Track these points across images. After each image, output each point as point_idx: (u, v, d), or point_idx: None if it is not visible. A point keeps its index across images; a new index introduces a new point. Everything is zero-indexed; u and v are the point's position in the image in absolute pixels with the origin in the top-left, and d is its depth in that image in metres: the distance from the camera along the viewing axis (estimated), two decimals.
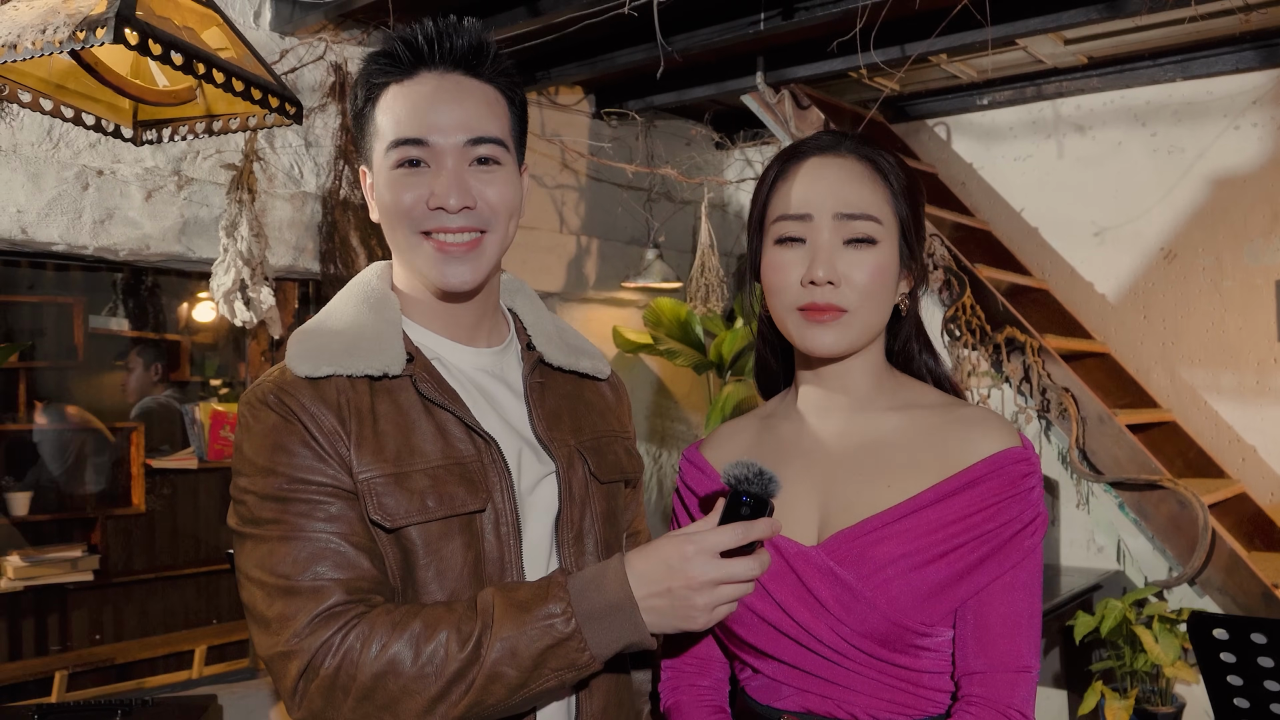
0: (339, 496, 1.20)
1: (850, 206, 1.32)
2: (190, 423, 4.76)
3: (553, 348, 1.44)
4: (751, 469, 1.16)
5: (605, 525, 1.39)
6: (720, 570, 1.13)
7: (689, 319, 4.91)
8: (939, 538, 1.28)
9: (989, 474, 1.29)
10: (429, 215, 1.28)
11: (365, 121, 1.33)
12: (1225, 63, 4.14)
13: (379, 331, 1.29)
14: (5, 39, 1.69)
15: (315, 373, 1.24)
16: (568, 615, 1.13)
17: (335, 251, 3.78)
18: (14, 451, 4.65)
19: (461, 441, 1.27)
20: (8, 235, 2.92)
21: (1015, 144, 4.78)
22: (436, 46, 1.28)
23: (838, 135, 1.39)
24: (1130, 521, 3.77)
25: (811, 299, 1.32)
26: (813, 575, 1.30)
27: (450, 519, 1.23)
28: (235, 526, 1.24)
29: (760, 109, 4.41)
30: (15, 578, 4.18)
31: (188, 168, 3.39)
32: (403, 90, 1.29)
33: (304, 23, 3.73)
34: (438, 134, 1.27)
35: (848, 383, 1.40)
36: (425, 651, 1.12)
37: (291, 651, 1.14)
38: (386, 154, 1.29)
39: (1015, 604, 1.29)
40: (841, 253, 1.32)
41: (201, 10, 1.91)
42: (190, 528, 5.15)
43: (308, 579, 1.16)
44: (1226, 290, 4.24)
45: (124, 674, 4.40)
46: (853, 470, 1.36)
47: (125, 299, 5.00)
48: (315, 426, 1.21)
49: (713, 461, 1.50)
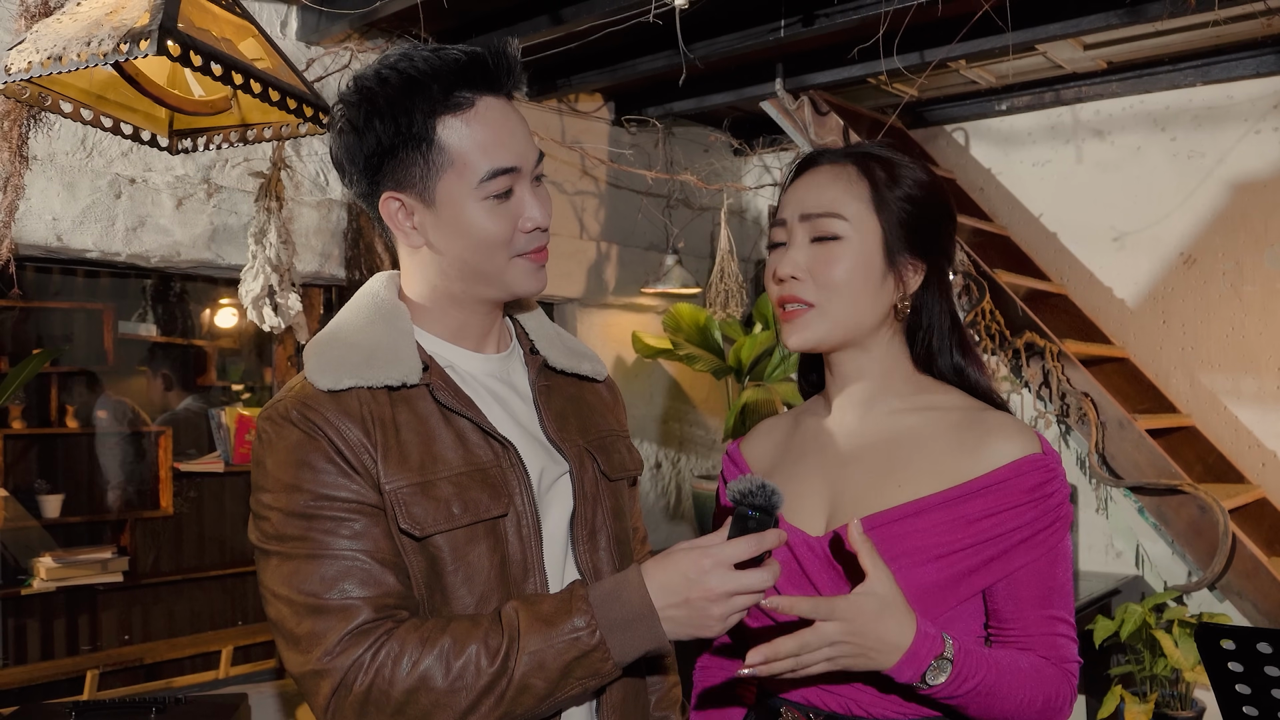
0: (363, 513, 1.23)
1: (813, 206, 1.39)
2: (216, 427, 4.83)
3: (555, 351, 1.48)
4: (754, 483, 1.21)
5: (615, 521, 1.44)
6: (736, 582, 1.18)
7: (708, 324, 4.95)
8: (944, 540, 1.32)
9: (1004, 481, 1.33)
10: (529, 237, 1.32)
11: (414, 150, 1.28)
12: (1245, 67, 4.15)
13: (394, 342, 1.31)
14: (50, 51, 1.74)
15: (337, 385, 1.26)
16: (592, 628, 1.18)
17: (360, 258, 3.83)
18: (46, 455, 4.73)
19: (480, 447, 1.31)
20: (43, 243, 2.98)
21: (1034, 149, 4.80)
22: (507, 75, 1.31)
23: (851, 145, 1.47)
24: (1150, 526, 3.78)
25: (780, 293, 1.40)
26: (814, 564, 1.36)
27: (475, 524, 1.27)
28: (258, 542, 1.26)
29: (779, 115, 4.44)
30: (48, 578, 4.25)
31: (217, 175, 3.45)
32: (477, 117, 1.29)
33: (329, 32, 3.78)
34: (522, 159, 1.31)
35: (858, 381, 1.46)
36: (455, 666, 1.16)
37: (324, 670, 1.17)
38: (481, 184, 1.28)
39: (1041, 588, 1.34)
40: (806, 249, 1.39)
41: (238, 21, 1.95)
42: (217, 530, 5.22)
43: (336, 597, 1.19)
44: (1247, 295, 4.24)
45: (152, 674, 4.46)
46: (863, 467, 1.41)
47: (154, 305, 5.07)
48: (341, 440, 1.23)
49: (748, 456, 1.58)
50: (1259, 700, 2.00)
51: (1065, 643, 1.37)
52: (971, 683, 1.27)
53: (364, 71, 1.30)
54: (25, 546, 4.48)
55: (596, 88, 4.59)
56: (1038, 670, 1.33)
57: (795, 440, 1.52)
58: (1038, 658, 1.35)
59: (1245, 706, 2.03)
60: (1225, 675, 2.00)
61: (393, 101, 1.26)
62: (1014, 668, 1.32)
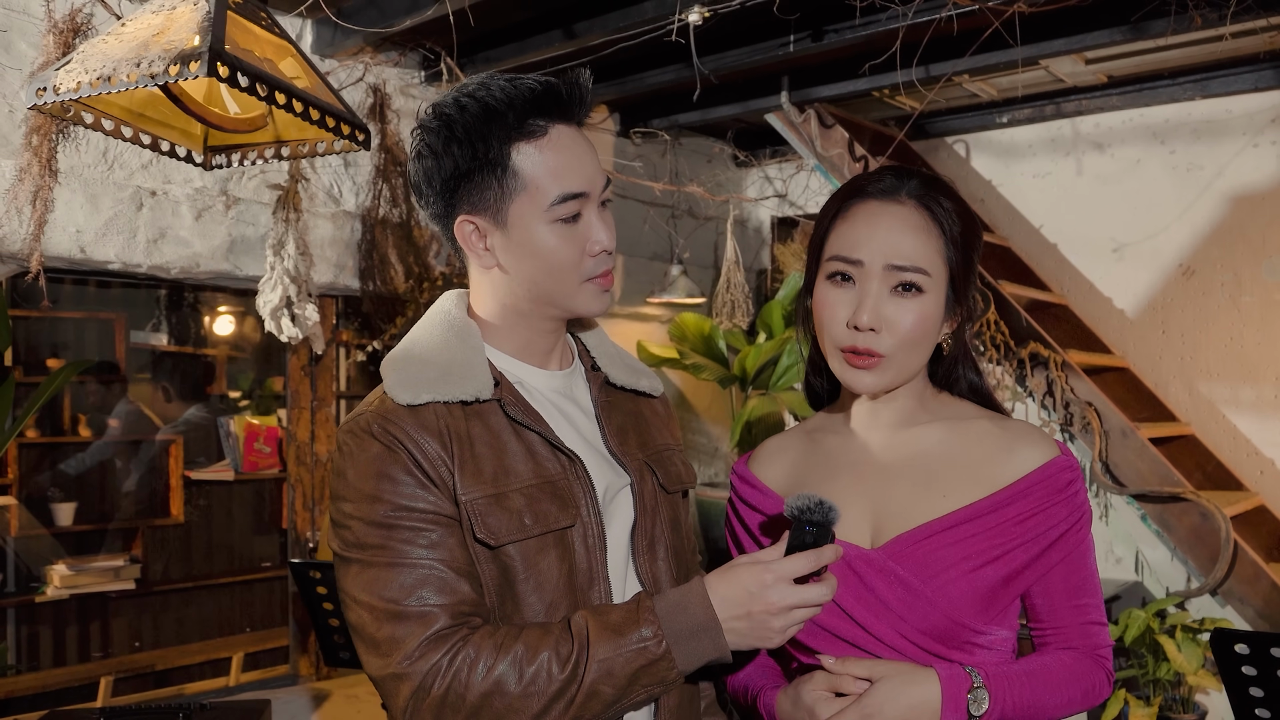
0: (439, 523, 1.28)
1: (901, 259, 1.40)
2: (225, 435, 4.86)
3: (616, 369, 1.54)
4: (812, 500, 1.27)
5: (672, 532, 1.49)
6: (796, 596, 1.24)
7: (713, 334, 5.00)
8: (995, 542, 1.39)
9: (1037, 484, 1.40)
10: (595, 261, 1.37)
11: (491, 174, 1.33)
12: (1244, 81, 4.22)
13: (467, 359, 1.36)
14: (100, 72, 1.78)
15: (415, 400, 1.31)
16: (659, 638, 1.23)
17: (374, 269, 3.87)
18: (59, 463, 4.75)
19: (548, 460, 1.36)
20: (67, 254, 3.02)
21: (1034, 161, 4.87)
22: (573, 101, 1.36)
23: (900, 176, 1.46)
24: (1152, 533, 3.84)
25: (854, 343, 1.41)
26: (874, 576, 1.40)
27: (546, 535, 1.32)
28: (339, 550, 1.31)
29: (785, 128, 4.50)
30: (61, 586, 4.28)
31: (234, 187, 3.49)
32: (548, 145, 1.34)
33: (343, 46, 3.83)
34: (591, 185, 1.36)
35: (892, 404, 1.51)
36: (528, 672, 1.21)
37: (403, 674, 1.23)
38: (550, 209, 1.33)
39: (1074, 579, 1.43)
40: (887, 300, 1.40)
41: (278, 42, 2.00)
42: (226, 538, 5.25)
43: (414, 604, 1.24)
44: (1245, 306, 4.31)
45: (163, 680, 4.50)
46: (905, 479, 1.46)
47: (167, 315, 5.11)
48: (420, 453, 1.29)
49: (763, 477, 1.60)
50: (1271, 702, 2.07)
51: (1098, 630, 1.45)
52: (1012, 699, 1.36)
53: (443, 99, 1.35)
54: (38, 554, 4.51)
55: (603, 100, 4.64)
56: (1069, 668, 1.42)
57: (818, 458, 1.56)
58: (1068, 653, 1.43)
59: (1258, 709, 2.09)
60: (1239, 678, 2.07)
61: (470, 128, 1.32)
62: (1045, 671, 1.40)
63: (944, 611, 1.36)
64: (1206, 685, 3.59)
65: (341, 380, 4.51)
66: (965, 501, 1.41)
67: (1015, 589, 1.41)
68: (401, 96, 4.10)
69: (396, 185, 3.95)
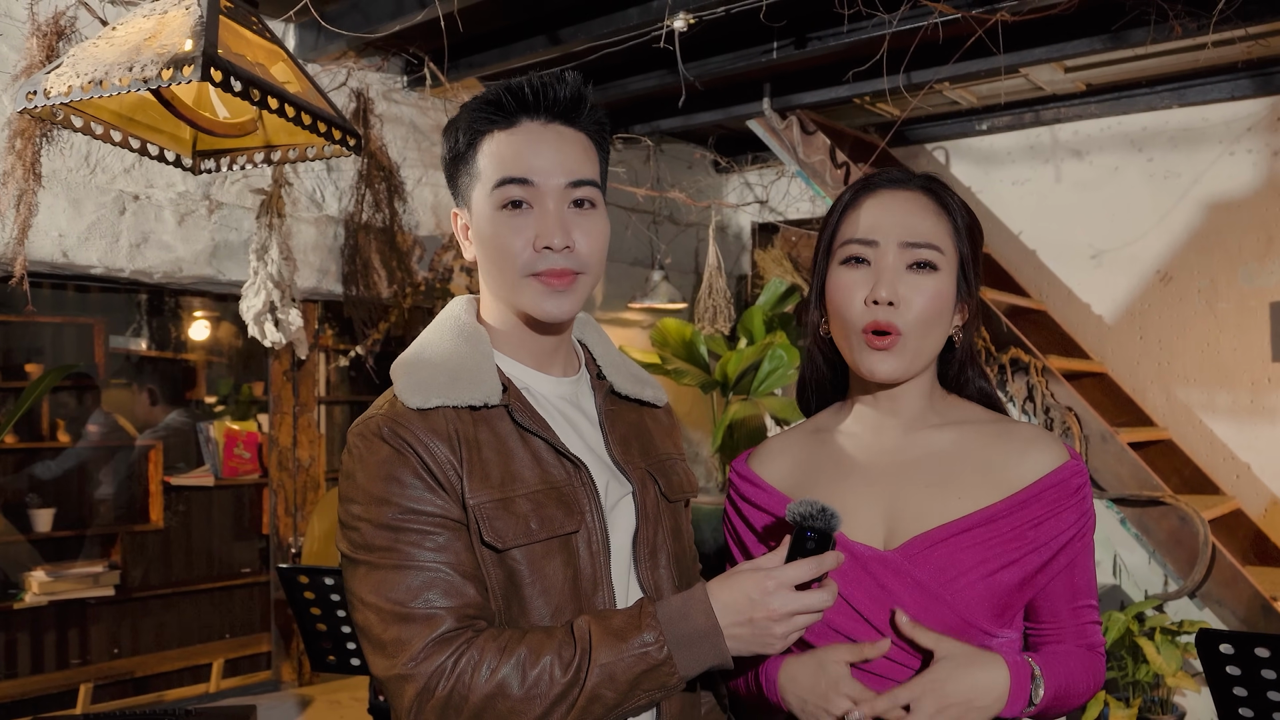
0: (447, 527, 1.29)
1: (915, 235, 1.43)
2: (205, 441, 4.83)
3: (621, 378, 1.56)
4: (815, 506, 1.27)
5: (674, 540, 1.50)
6: (798, 603, 1.25)
7: (694, 339, 5.01)
8: (1011, 546, 1.40)
9: (1050, 488, 1.42)
10: (537, 258, 1.36)
11: (465, 164, 1.40)
12: (1221, 90, 4.28)
13: (476, 364, 1.37)
14: (91, 75, 1.77)
15: (425, 404, 1.32)
16: (660, 643, 1.25)
17: (357, 274, 3.86)
18: (37, 469, 4.71)
19: (554, 466, 1.37)
20: (49, 259, 2.99)
21: (1013, 168, 4.91)
22: (541, 97, 1.37)
23: (907, 172, 1.51)
24: (1131, 537, 3.87)
25: (874, 318, 1.42)
26: (891, 578, 1.41)
27: (551, 539, 1.33)
28: (346, 551, 1.32)
29: (766, 134, 4.52)
30: (39, 592, 4.24)
31: (217, 192, 3.47)
32: (506, 136, 1.37)
33: (327, 50, 3.82)
34: (540, 175, 1.35)
35: (902, 403, 1.51)
36: (531, 675, 1.22)
37: (409, 675, 1.23)
38: (491, 194, 1.36)
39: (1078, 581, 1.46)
40: (904, 276, 1.43)
41: (269, 46, 1.99)
42: (205, 544, 5.21)
43: (421, 606, 1.25)
44: (1221, 312, 4.36)
45: (142, 687, 4.45)
46: (919, 481, 1.47)
47: (147, 319, 5.07)
48: (429, 457, 1.30)
49: (766, 476, 1.60)
50: (1255, 702, 2.09)
51: (1094, 628, 1.49)
52: (1053, 687, 1.39)
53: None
54: (16, 561, 4.47)
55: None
56: (1081, 658, 1.46)
57: (826, 459, 1.56)
58: (1075, 646, 1.47)
59: (1241, 708, 2.12)
60: (1223, 678, 2.09)
61: (456, 123, 1.41)
62: (1066, 661, 1.44)
63: (960, 615, 1.38)
64: (1185, 687, 3.63)
65: (323, 385, 4.49)
66: (980, 504, 1.42)
67: (1028, 592, 1.43)
68: (384, 101, 4.10)
69: (379, 190, 3.94)
